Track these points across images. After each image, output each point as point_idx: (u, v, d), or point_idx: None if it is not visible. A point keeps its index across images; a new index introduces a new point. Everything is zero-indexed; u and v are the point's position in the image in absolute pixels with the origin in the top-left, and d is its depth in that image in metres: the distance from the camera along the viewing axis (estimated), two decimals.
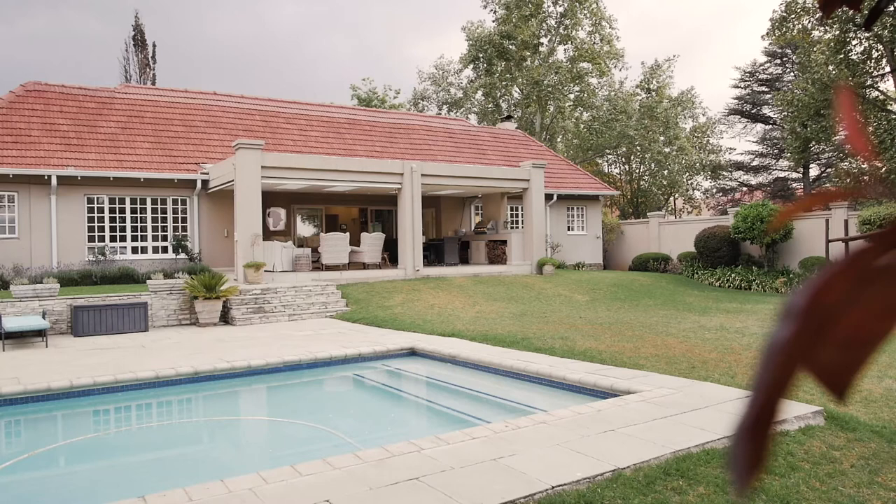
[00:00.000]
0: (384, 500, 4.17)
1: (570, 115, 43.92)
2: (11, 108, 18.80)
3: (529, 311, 14.86)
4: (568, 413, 6.17)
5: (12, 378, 8.42)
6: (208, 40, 75.68)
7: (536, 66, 40.93)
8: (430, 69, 55.67)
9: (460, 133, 28.15)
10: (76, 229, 17.82)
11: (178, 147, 20.07)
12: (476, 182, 20.90)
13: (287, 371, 9.55)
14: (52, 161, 17.56)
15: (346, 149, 23.26)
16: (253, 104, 23.92)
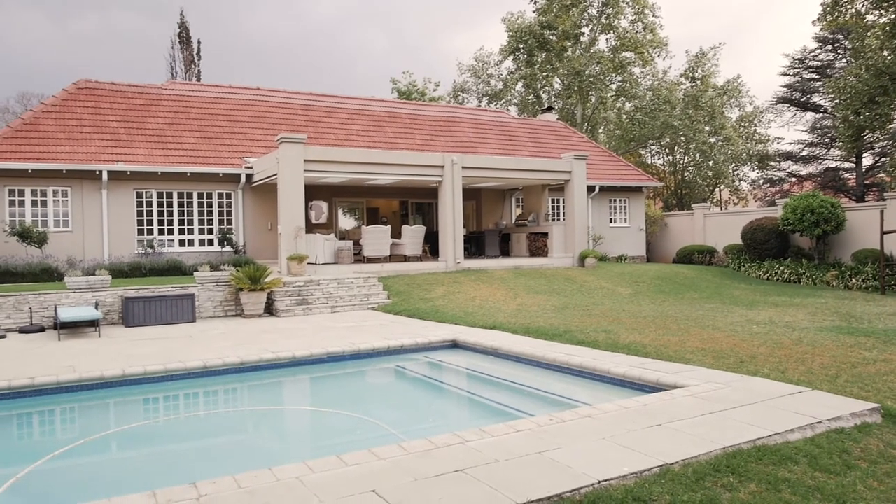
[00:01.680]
0: (429, 491, 4.18)
1: (613, 105, 43.30)
2: (64, 105, 19.38)
3: (571, 304, 14.72)
4: (613, 407, 6.09)
5: (68, 366, 8.70)
6: (249, 36, 76.72)
7: (578, 56, 40.44)
8: (469, 61, 55.49)
9: (501, 125, 28.01)
10: (126, 223, 18.31)
11: (223, 142, 20.43)
12: (517, 174, 20.77)
13: (331, 362, 9.65)
14: (103, 156, 18.05)
15: (387, 142, 23.35)
16: (295, 99, 24.18)
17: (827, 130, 35.60)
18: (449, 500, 4.04)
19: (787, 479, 4.36)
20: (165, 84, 22.52)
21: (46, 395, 7.95)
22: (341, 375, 9.62)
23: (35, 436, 7.50)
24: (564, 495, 4.09)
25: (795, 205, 19.99)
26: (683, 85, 40.69)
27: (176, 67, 42.30)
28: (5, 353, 10.15)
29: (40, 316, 13.02)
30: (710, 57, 40.26)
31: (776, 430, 5.29)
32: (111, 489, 5.43)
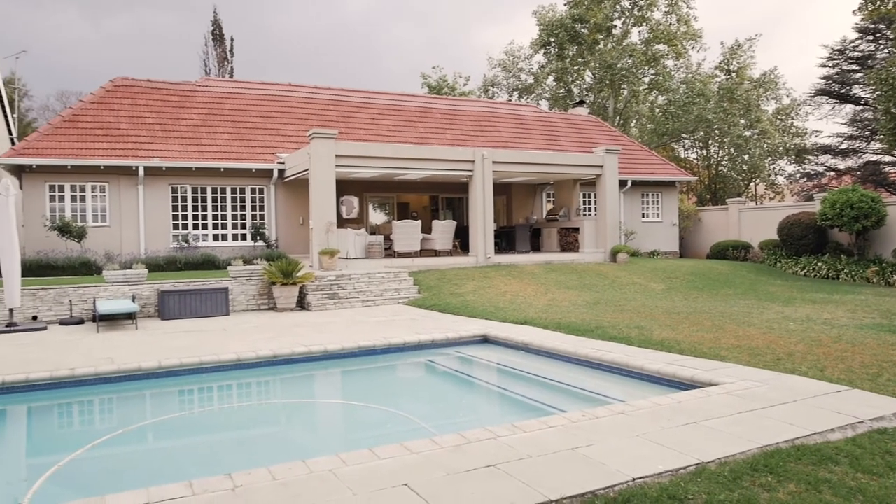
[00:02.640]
0: (462, 486, 4.18)
1: (645, 98, 42.78)
2: (102, 102, 19.77)
3: (603, 300, 14.60)
4: (647, 404, 6.02)
5: (107, 358, 8.89)
6: (281, 33, 77.39)
7: (609, 49, 40.00)
8: (500, 55, 55.24)
9: (531, 119, 27.85)
10: (161, 217, 18.64)
11: (256, 137, 20.65)
12: (548, 168, 20.63)
13: (362, 356, 9.71)
14: (140, 152, 18.38)
15: (418, 137, 23.38)
16: (327, 94, 24.34)
17: (867, 123, 34.66)
18: (481, 495, 4.03)
19: (827, 479, 4.26)
20: (199, 81, 22.84)
21: (86, 385, 8.13)
22: (372, 369, 9.67)
23: (75, 425, 7.68)
24: (598, 492, 4.05)
25: (834, 199, 19.52)
26: (718, 77, 39.99)
27: (209, 65, 42.88)
28: (47, 344, 10.40)
29: (80, 308, 13.32)
30: (746, 49, 39.49)
31: (816, 430, 5.18)
32: (148, 478, 5.54)
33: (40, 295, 13.12)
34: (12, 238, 12.10)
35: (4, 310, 12.60)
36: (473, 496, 4.01)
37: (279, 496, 4.05)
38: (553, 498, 3.94)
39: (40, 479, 5.42)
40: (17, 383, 7.75)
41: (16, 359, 9.03)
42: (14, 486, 5.66)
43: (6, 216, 12.04)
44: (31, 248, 16.85)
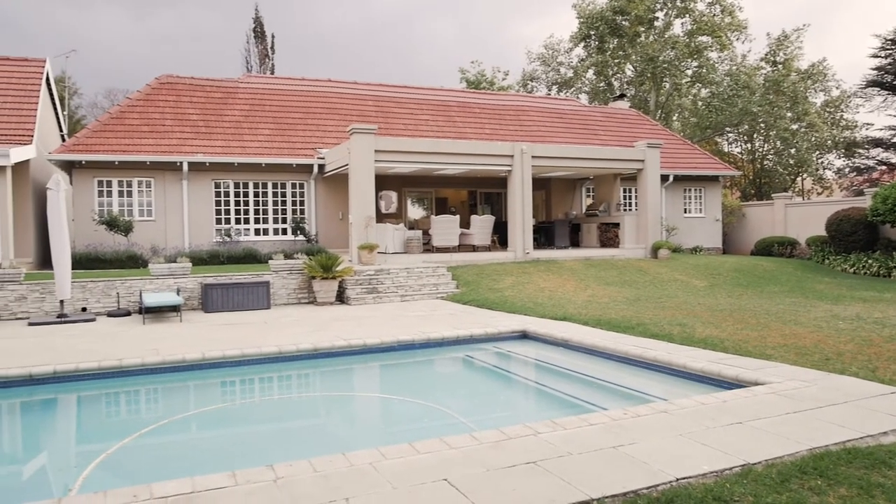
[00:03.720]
0: (501, 482, 4.16)
1: (688, 91, 41.93)
2: (147, 100, 20.21)
3: (644, 296, 14.39)
4: (691, 403, 5.91)
5: (152, 350, 9.09)
6: (320, 29, 78.04)
7: (651, 41, 39.34)
8: (539, 49, 54.84)
9: (571, 113, 27.57)
10: (205, 212, 19.00)
11: (297, 133, 20.88)
12: (587, 163, 20.40)
13: (401, 350, 9.75)
14: (184, 148, 18.75)
15: (456, 132, 23.35)
16: (366, 90, 24.47)
17: None
18: (521, 491, 4.00)
19: (880, 484, 4.12)
20: (241, 77, 23.18)
21: (132, 375, 8.33)
22: (411, 364, 9.70)
23: (122, 414, 7.87)
24: (641, 492, 3.98)
25: (886, 194, 18.88)
26: (764, 69, 38.96)
27: (251, 61, 43.50)
28: (95, 335, 10.69)
29: (126, 301, 13.66)
30: (794, 39, 38.38)
31: (868, 433, 5.01)
32: (193, 468, 5.64)
33: (89, 287, 13.50)
34: (63, 232, 12.45)
35: (56, 301, 13.00)
36: (514, 493, 3.99)
37: (320, 488, 4.08)
38: (594, 496, 3.90)
39: (90, 466, 5.57)
40: (67, 372, 7.98)
41: (66, 349, 9.31)
42: (65, 472, 5.83)
43: (57, 211, 12.39)
44: (80, 242, 17.34)
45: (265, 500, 3.94)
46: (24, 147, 16.19)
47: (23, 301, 13.00)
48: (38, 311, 13.05)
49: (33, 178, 17.76)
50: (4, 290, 12.88)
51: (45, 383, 7.90)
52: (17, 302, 12.96)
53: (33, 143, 16.75)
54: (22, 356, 8.74)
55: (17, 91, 18.42)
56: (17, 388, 7.78)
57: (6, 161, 15.26)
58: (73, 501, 3.99)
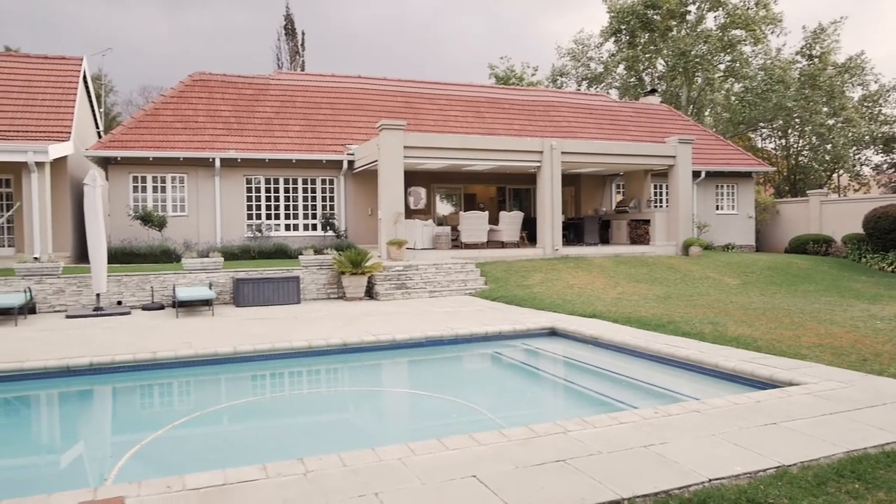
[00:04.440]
0: (531, 480, 4.14)
1: (720, 86, 41.24)
2: (182, 97, 20.51)
3: (675, 294, 14.22)
4: (723, 402, 5.83)
5: (185, 343, 9.24)
6: (349, 26, 78.38)
7: (683, 35, 38.78)
8: (569, 44, 54.42)
9: (601, 109, 27.32)
10: (236, 208, 19.23)
11: (326, 129, 21.02)
12: (618, 159, 20.21)
13: (429, 346, 9.77)
14: (216, 144, 19.00)
15: (485, 127, 23.29)
16: (395, 86, 24.52)
17: None
18: (551, 490, 3.99)
19: None
20: (272, 74, 23.40)
21: (166, 368, 8.48)
22: (439, 360, 9.71)
23: (156, 406, 8.02)
24: (672, 492, 3.94)
25: None
26: (799, 63, 38.15)
27: (282, 58, 43.89)
28: (130, 328, 10.90)
29: (160, 294, 13.90)
30: (830, 32, 37.49)
31: None
32: (224, 460, 5.72)
33: (124, 281, 13.76)
34: (99, 227, 12.70)
35: (92, 294, 13.27)
36: (543, 491, 3.97)
37: (349, 483, 4.11)
38: (625, 496, 3.86)
39: (125, 456, 5.68)
40: (103, 364, 8.15)
41: (102, 341, 9.50)
42: (101, 462, 5.96)
43: (94, 206, 12.65)
44: (115, 237, 17.68)
45: (296, 493, 3.97)
46: (62, 144, 16.54)
47: (61, 294, 13.30)
48: (75, 304, 13.34)
49: (71, 174, 18.15)
50: (43, 284, 13.19)
51: (81, 375, 8.07)
52: (56, 295, 13.26)
53: (71, 139, 17.11)
54: (60, 348, 8.94)
55: (56, 89, 18.83)
56: (56, 379, 7.97)
57: (45, 157, 15.61)
58: (109, 491, 4.06)
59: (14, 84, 18.65)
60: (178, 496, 3.94)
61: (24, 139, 16.33)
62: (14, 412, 7.66)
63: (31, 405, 7.86)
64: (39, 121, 17.47)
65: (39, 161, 15.67)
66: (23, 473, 5.75)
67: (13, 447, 6.38)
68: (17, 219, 17.13)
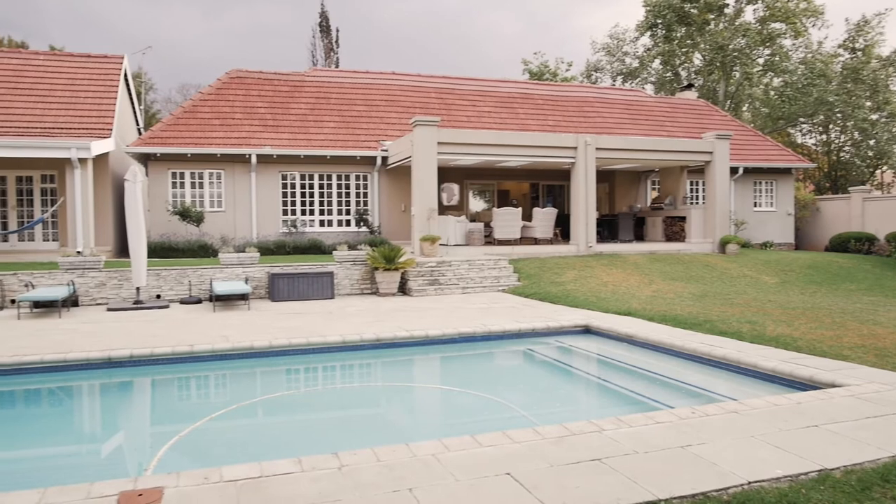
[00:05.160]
0: (565, 478, 4.11)
1: (759, 81, 40.39)
2: (219, 94, 20.81)
3: (711, 292, 13.99)
4: (762, 403, 5.72)
5: (222, 336, 9.39)
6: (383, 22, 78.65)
7: (721, 29, 38.06)
8: (603, 39, 53.82)
9: (636, 104, 26.98)
10: (272, 203, 19.47)
11: (360, 126, 21.14)
12: (653, 155, 19.94)
13: (462, 342, 9.77)
14: (252, 141, 19.24)
15: (519, 123, 23.18)
16: (429, 82, 24.53)
17: None
18: (586, 489, 3.96)
19: None
20: (308, 71, 23.59)
21: (203, 361, 8.62)
22: (472, 356, 9.71)
23: (193, 398, 8.17)
24: (710, 494, 3.88)
25: None
26: (842, 56, 37.16)
27: (316, 56, 44.26)
28: (169, 321, 11.11)
29: (198, 288, 14.14)
30: (875, 24, 36.43)
31: None
32: (260, 452, 5.81)
33: (163, 275, 14.03)
34: (139, 222, 12.97)
35: (132, 288, 13.56)
36: (578, 490, 3.94)
37: (384, 478, 4.13)
38: (661, 497, 3.82)
39: (164, 447, 5.79)
40: (143, 357, 8.33)
41: (142, 334, 9.71)
42: (140, 452, 6.09)
43: (134, 201, 12.91)
44: (155, 232, 18.04)
45: (330, 487, 4.01)
46: (104, 140, 16.93)
47: (102, 287, 13.62)
48: (115, 297, 13.65)
49: (112, 170, 18.57)
50: (86, 277, 13.52)
51: (122, 366, 8.25)
52: (97, 288, 13.58)
53: (112, 136, 17.49)
54: (101, 340, 9.16)
55: (98, 87, 19.26)
56: (97, 371, 8.16)
57: (87, 154, 15.99)
58: (149, 481, 4.14)
59: (58, 82, 19.13)
60: (215, 487, 4.00)
61: (67, 136, 16.75)
62: (58, 402, 7.88)
63: (74, 395, 8.07)
64: (82, 118, 17.89)
65: (82, 157, 16.07)
66: (66, 461, 5.90)
67: (57, 436, 6.55)
68: (61, 213, 17.59)
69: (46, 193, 18.26)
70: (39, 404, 7.78)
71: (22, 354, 8.11)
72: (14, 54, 20.63)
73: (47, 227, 18.26)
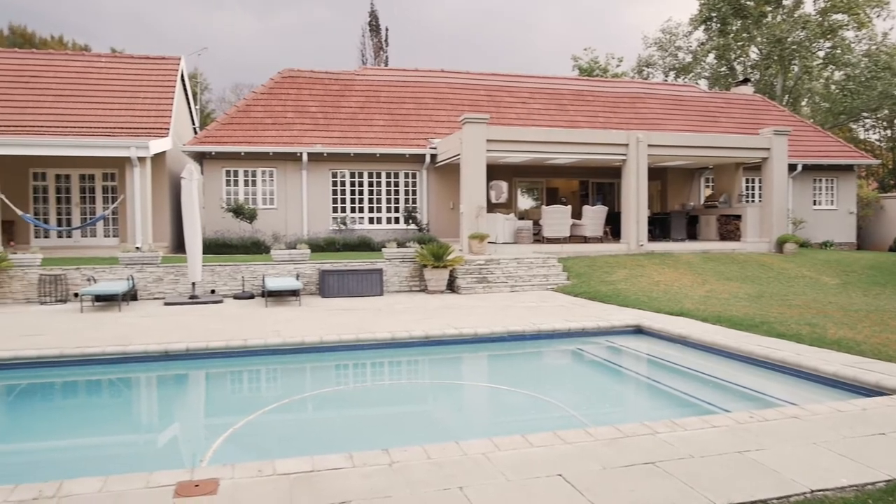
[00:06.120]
0: (619, 482, 4.04)
1: (819, 74, 39.04)
2: (271, 93, 21.19)
3: (768, 293, 13.58)
4: (824, 409, 5.51)
5: (274, 332, 9.54)
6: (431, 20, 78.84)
7: (779, 21, 36.92)
8: (655, 34, 52.75)
9: (690, 100, 26.39)
10: (322, 201, 19.73)
11: (410, 123, 21.23)
12: (707, 152, 19.47)
13: (511, 341, 9.71)
14: (303, 139, 19.53)
15: (569, 120, 22.94)
16: (477, 80, 24.48)
17: None
18: (640, 493, 3.87)
19: None
20: (358, 70, 23.82)
21: (256, 355, 8.78)
22: (521, 355, 9.65)
23: (246, 392, 8.33)
24: (770, 502, 3.75)
25: None
26: None
27: (366, 54, 44.64)
28: (223, 316, 11.36)
29: (250, 284, 14.42)
30: None
31: None
32: (311, 446, 5.88)
33: (217, 271, 14.35)
34: (195, 218, 13.29)
35: (188, 283, 13.92)
36: (632, 494, 3.86)
37: (434, 476, 4.13)
38: (719, 503, 3.71)
39: (218, 439, 5.91)
40: (198, 350, 8.53)
41: (197, 328, 9.94)
42: (195, 443, 6.24)
43: (190, 199, 13.24)
44: (209, 228, 18.48)
45: (381, 483, 4.02)
46: (162, 139, 17.42)
47: (159, 282, 14.01)
48: (172, 292, 14.03)
49: (169, 168, 19.09)
50: (144, 272, 13.93)
51: (178, 359, 8.47)
52: (155, 283, 13.98)
53: (169, 135, 17.99)
54: (159, 334, 9.42)
55: (156, 88, 19.82)
56: (155, 363, 8.40)
57: (146, 153, 16.49)
58: (205, 472, 4.23)
59: (119, 84, 19.76)
60: (269, 480, 4.06)
61: (127, 135, 17.29)
62: (117, 393, 8.14)
63: (133, 386, 8.32)
64: (141, 118, 18.44)
65: (141, 156, 16.57)
66: (125, 450, 6.08)
67: (117, 425, 6.77)
68: (121, 210, 18.17)
69: (107, 191, 18.91)
70: (101, 394, 8.06)
71: (85, 346, 8.40)
72: (78, 57, 21.41)
73: (108, 224, 18.90)
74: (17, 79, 19.31)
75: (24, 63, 20.08)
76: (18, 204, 17.16)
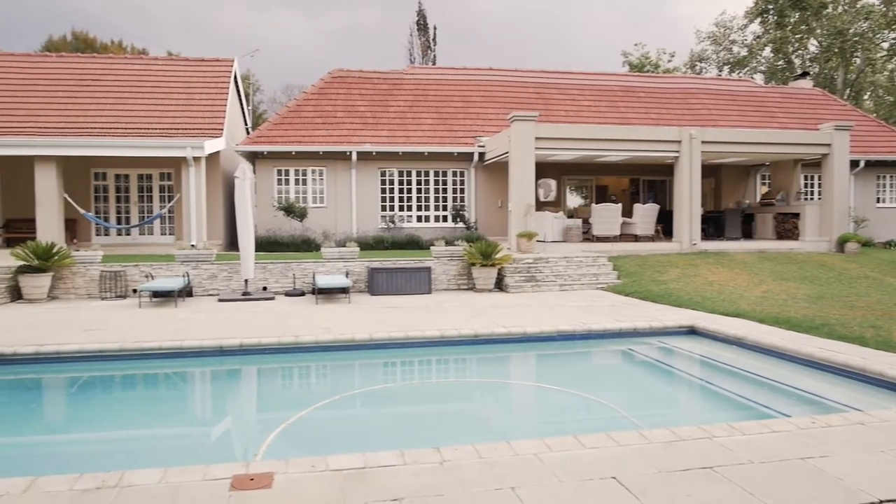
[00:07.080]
0: (675, 487, 3.94)
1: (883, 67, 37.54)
2: (321, 93, 21.46)
3: (828, 294, 13.11)
4: (892, 416, 5.28)
5: (324, 328, 9.66)
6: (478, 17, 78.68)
7: (840, 13, 35.64)
8: (709, 27, 51.55)
9: (745, 95, 25.68)
10: (371, 199, 19.89)
11: (458, 122, 21.23)
12: (764, 148, 18.92)
13: (560, 340, 9.61)
14: (353, 138, 19.73)
15: (619, 117, 22.59)
16: (526, 77, 24.33)
17: None
18: (697, 498, 3.77)
19: None
20: (406, 69, 23.93)
21: (307, 352, 8.90)
22: (571, 355, 9.54)
23: (298, 388, 8.45)
24: None
25: None
26: None
27: (414, 53, 44.86)
28: (274, 313, 11.55)
29: (301, 281, 14.63)
30: None
31: None
32: (361, 443, 5.92)
33: (269, 268, 14.61)
34: (248, 217, 13.56)
35: (241, 280, 14.21)
36: (688, 499, 3.76)
37: (485, 475, 4.10)
38: None
39: (272, 433, 6.01)
40: (251, 346, 8.69)
41: (250, 324, 10.14)
42: (249, 438, 6.35)
43: (243, 198, 13.51)
44: (262, 227, 18.84)
45: (432, 481, 4.02)
46: (216, 139, 17.83)
47: (213, 279, 14.34)
48: (225, 289, 14.34)
49: (223, 167, 19.53)
50: (199, 269, 14.28)
51: (232, 354, 8.65)
52: (209, 280, 14.32)
53: (223, 135, 18.40)
54: (214, 329, 9.63)
55: (210, 89, 20.30)
56: (209, 358, 8.59)
57: (201, 153, 16.90)
58: (259, 466, 4.30)
59: (175, 86, 20.30)
60: (322, 476, 4.10)
61: (183, 136, 17.75)
62: (174, 386, 8.35)
63: (188, 381, 8.53)
64: (196, 119, 18.91)
65: (196, 156, 16.99)
66: (182, 442, 6.23)
67: (173, 418, 6.94)
68: (177, 209, 18.68)
69: (164, 190, 19.46)
70: (158, 388, 8.28)
71: (143, 341, 8.65)
72: (136, 60, 22.09)
73: (164, 222, 19.46)
74: (79, 82, 20.03)
75: (86, 67, 20.82)
76: (80, 203, 17.81)
